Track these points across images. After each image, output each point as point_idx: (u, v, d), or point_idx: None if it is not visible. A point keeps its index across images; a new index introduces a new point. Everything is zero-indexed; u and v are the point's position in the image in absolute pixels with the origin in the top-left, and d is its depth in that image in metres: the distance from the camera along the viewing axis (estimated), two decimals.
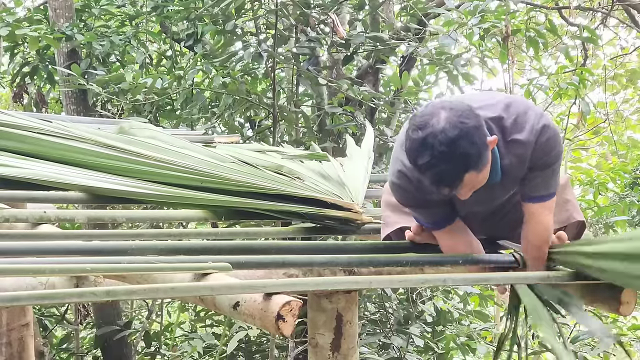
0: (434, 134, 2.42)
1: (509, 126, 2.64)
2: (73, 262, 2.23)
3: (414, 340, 5.69)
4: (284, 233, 3.00)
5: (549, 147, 2.65)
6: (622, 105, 10.99)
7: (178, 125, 6.15)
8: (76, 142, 3.12)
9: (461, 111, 2.47)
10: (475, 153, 2.45)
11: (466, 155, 2.43)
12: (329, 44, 6.01)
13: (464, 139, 2.42)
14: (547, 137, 2.63)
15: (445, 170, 2.44)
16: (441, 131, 2.42)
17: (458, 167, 2.45)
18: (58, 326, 6.84)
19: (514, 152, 2.64)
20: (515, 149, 2.63)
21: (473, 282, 4.01)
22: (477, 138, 2.45)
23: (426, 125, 2.44)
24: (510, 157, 2.64)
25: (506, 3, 6.09)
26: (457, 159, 2.43)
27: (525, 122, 2.64)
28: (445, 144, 2.41)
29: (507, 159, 2.64)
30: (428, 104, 2.58)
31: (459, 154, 2.42)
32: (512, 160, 2.65)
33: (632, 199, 6.89)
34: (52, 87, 6.99)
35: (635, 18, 8.44)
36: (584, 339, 5.74)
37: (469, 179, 2.49)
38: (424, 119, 2.46)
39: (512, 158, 2.65)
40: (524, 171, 2.69)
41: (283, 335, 1.95)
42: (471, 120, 2.46)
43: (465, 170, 2.46)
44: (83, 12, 6.81)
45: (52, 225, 2.79)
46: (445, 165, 2.43)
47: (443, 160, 2.43)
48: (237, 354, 5.88)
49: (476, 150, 2.45)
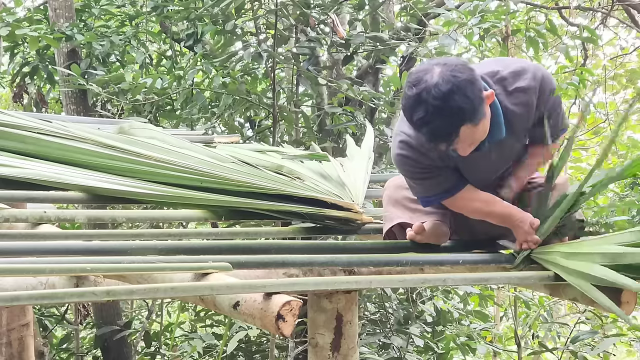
0: (428, 89, 2.46)
1: (508, 77, 2.68)
2: (73, 262, 2.22)
3: (414, 340, 5.69)
4: (284, 233, 3.00)
5: (551, 90, 2.73)
6: (622, 106, 10.98)
7: (178, 125, 6.15)
8: (76, 142, 3.12)
9: (454, 65, 2.51)
10: (470, 105, 2.48)
11: (460, 108, 2.46)
12: (329, 44, 6.01)
13: (457, 92, 2.46)
14: (548, 80, 2.71)
15: (441, 124, 2.48)
16: (434, 86, 2.45)
17: (453, 121, 2.48)
18: (58, 326, 6.83)
19: (518, 102, 2.66)
20: (519, 97, 2.66)
21: (473, 282, 4.02)
22: (470, 91, 2.48)
23: (420, 82, 2.48)
24: (515, 108, 2.67)
25: (506, 3, 6.09)
26: (452, 112, 2.47)
27: (524, 71, 2.69)
28: (438, 98, 2.45)
29: (512, 110, 2.66)
30: (423, 62, 2.61)
31: (453, 107, 2.46)
32: (517, 110, 2.67)
33: (632, 199, 6.88)
34: (52, 87, 6.99)
35: (635, 18, 8.44)
36: (584, 339, 5.74)
37: (465, 133, 2.52)
38: (418, 75, 2.51)
39: (517, 108, 2.67)
40: (531, 120, 2.71)
41: (283, 335, 1.95)
42: (464, 73, 2.50)
43: (460, 123, 2.49)
44: (83, 12, 6.80)
45: (52, 225, 2.79)
46: (440, 119, 2.47)
47: (437, 114, 2.46)
48: (237, 354, 5.88)
49: (470, 102, 2.48)
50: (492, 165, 2.79)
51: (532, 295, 6.60)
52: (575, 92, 6.50)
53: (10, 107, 7.88)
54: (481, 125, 2.56)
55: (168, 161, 3.00)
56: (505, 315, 7.81)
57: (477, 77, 2.54)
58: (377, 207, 3.51)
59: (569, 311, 9.12)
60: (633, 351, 7.15)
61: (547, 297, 6.51)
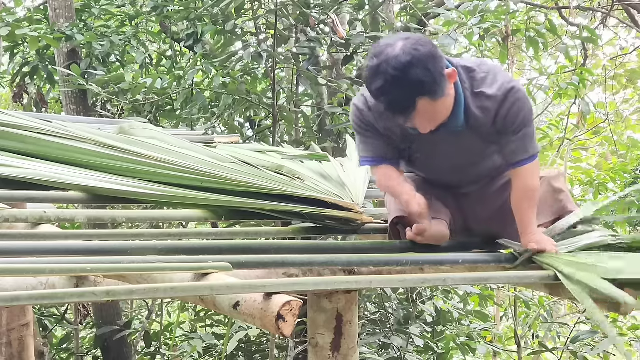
0: (388, 61, 2.48)
1: (479, 79, 2.69)
2: (73, 262, 2.22)
3: (414, 340, 5.69)
4: (284, 233, 3.00)
5: (517, 109, 2.67)
6: (622, 105, 10.99)
7: (178, 125, 6.15)
8: (76, 142, 3.12)
9: (417, 40, 2.54)
10: (429, 79, 2.50)
11: (418, 80, 2.48)
12: (329, 44, 6.01)
13: (416, 64, 2.48)
14: (515, 97, 2.66)
15: (398, 95, 2.50)
16: (394, 57, 2.48)
17: (411, 92, 2.50)
18: (58, 326, 6.83)
19: (480, 105, 2.67)
20: (482, 101, 2.67)
21: (473, 282, 4.02)
22: (431, 65, 2.50)
23: (381, 53, 2.51)
24: (476, 110, 2.68)
25: (506, 3, 6.09)
26: (410, 84, 2.48)
27: (495, 80, 2.69)
28: (398, 69, 2.47)
29: (473, 109, 2.68)
30: (388, 36, 2.63)
31: (412, 79, 2.48)
32: (478, 112, 2.68)
33: (632, 199, 6.88)
34: (52, 87, 6.99)
35: (635, 18, 8.44)
36: (584, 339, 5.74)
37: (423, 107, 2.53)
38: (380, 48, 2.54)
39: (478, 110, 2.68)
40: (491, 130, 2.70)
41: (283, 335, 1.95)
42: (426, 47, 2.52)
43: (417, 95, 2.50)
44: (83, 12, 6.80)
45: (52, 225, 2.78)
46: (397, 90, 2.49)
47: (395, 85, 2.48)
48: (237, 354, 5.88)
49: (429, 76, 2.49)
50: (447, 155, 2.80)
51: (532, 295, 6.61)
52: (575, 92, 6.50)
53: (10, 107, 7.88)
54: (441, 102, 2.58)
55: (168, 161, 3.00)
56: (505, 315, 7.82)
57: (440, 54, 2.56)
58: (377, 207, 3.51)
59: (569, 311, 9.13)
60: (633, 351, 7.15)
61: (547, 297, 6.52)
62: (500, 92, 2.66)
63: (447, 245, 2.86)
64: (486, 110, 2.68)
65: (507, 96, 2.66)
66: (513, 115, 2.68)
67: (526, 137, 2.72)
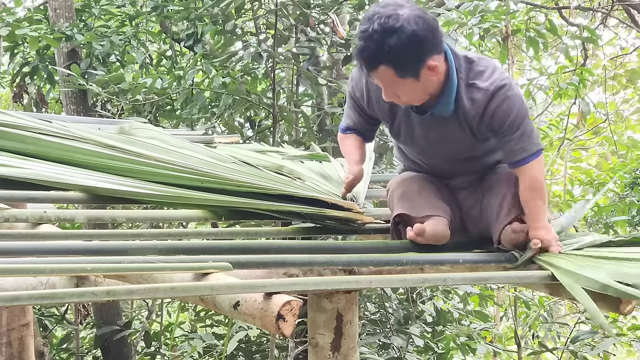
0: (382, 15, 2.52)
1: (476, 71, 2.70)
2: (73, 262, 2.22)
3: (414, 340, 5.69)
4: (284, 233, 3.00)
5: (506, 106, 2.67)
6: (622, 105, 10.99)
7: (178, 125, 6.15)
8: (76, 142, 3.11)
9: (422, 18, 2.55)
10: (399, 55, 2.52)
11: (389, 48, 2.51)
12: (329, 44, 6.01)
13: (398, 35, 2.50)
14: (505, 95, 2.67)
15: (366, 48, 2.54)
16: (389, 15, 2.51)
17: (375, 54, 2.54)
18: (58, 326, 6.83)
19: (470, 96, 2.68)
20: (473, 92, 2.68)
21: (473, 282, 4.02)
22: (412, 46, 2.52)
23: (388, 5, 2.55)
24: (467, 100, 2.69)
25: (506, 3, 6.09)
26: (380, 46, 2.51)
27: (491, 75, 2.70)
28: (381, 26, 2.50)
29: (464, 99, 2.69)
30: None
31: (383, 43, 2.51)
32: (468, 103, 2.69)
33: (632, 199, 6.89)
34: (52, 87, 6.99)
35: (635, 18, 8.44)
36: (584, 339, 5.74)
37: (384, 74, 2.57)
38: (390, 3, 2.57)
39: (468, 102, 2.69)
40: (482, 126, 2.71)
41: (283, 335, 1.95)
42: (422, 29, 2.53)
43: (380, 61, 2.54)
44: (83, 12, 6.80)
45: (52, 225, 2.78)
46: (369, 44, 2.53)
47: (371, 38, 2.52)
48: (237, 354, 5.88)
49: (402, 53, 2.52)
50: (430, 140, 2.82)
51: (532, 295, 6.61)
52: (575, 92, 6.50)
53: (10, 107, 7.88)
54: (410, 84, 2.60)
55: (168, 161, 3.00)
56: (505, 315, 7.82)
57: (433, 44, 2.57)
58: (377, 207, 3.51)
59: (569, 311, 9.13)
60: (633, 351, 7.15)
61: (547, 297, 6.52)
62: (491, 86, 2.67)
63: (447, 245, 2.86)
64: (475, 102, 2.69)
65: (497, 92, 2.66)
66: (502, 112, 2.68)
67: (524, 136, 2.71)
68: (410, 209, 2.84)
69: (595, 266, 2.56)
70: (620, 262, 2.61)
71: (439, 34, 2.61)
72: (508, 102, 2.67)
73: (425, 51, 2.57)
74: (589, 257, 2.67)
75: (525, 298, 6.49)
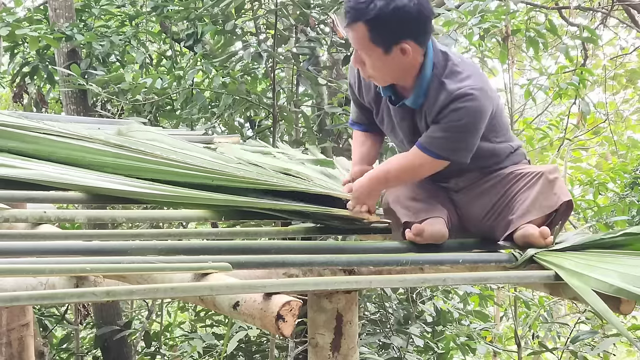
0: None
1: (451, 70, 2.69)
2: (73, 262, 2.22)
3: (414, 340, 5.69)
4: (284, 233, 2.99)
5: (462, 112, 2.63)
6: (622, 105, 10.99)
7: (178, 125, 6.15)
8: (76, 141, 3.11)
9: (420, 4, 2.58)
10: (382, 17, 2.56)
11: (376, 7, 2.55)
12: (329, 44, 6.01)
13: (391, 1, 2.54)
14: (465, 104, 2.62)
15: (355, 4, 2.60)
16: None
17: (362, 8, 2.58)
18: (58, 326, 6.83)
19: (437, 94, 2.67)
20: (440, 91, 2.67)
21: (473, 282, 4.03)
22: (397, 16, 2.56)
23: None
24: (432, 97, 2.68)
25: (506, 3, 6.09)
26: (369, 3, 2.56)
27: (463, 79, 2.66)
28: None
29: (432, 95, 2.69)
30: None
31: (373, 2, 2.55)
32: (432, 100, 2.69)
33: (632, 199, 6.89)
34: (52, 87, 6.99)
35: (635, 18, 8.45)
36: (584, 339, 5.74)
37: (358, 31, 2.61)
38: None
39: (433, 99, 2.68)
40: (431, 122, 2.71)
41: (283, 335, 1.95)
42: (413, 8, 2.57)
43: (361, 17, 2.59)
44: (83, 12, 6.81)
45: (52, 225, 2.78)
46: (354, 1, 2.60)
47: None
48: (237, 354, 5.88)
49: (385, 18, 2.56)
50: (404, 132, 2.84)
51: (532, 295, 6.61)
52: (575, 92, 6.51)
53: (10, 107, 7.88)
54: (376, 53, 2.63)
55: (175, 159, 2.97)
56: (505, 315, 7.82)
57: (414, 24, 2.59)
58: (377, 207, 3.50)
59: (569, 311, 9.13)
60: (633, 351, 7.16)
61: (547, 297, 6.52)
62: (457, 91, 2.62)
63: (447, 245, 2.86)
64: (437, 101, 2.67)
65: (458, 98, 2.62)
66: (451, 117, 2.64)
67: (449, 140, 2.68)
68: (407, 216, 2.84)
69: (602, 267, 2.54)
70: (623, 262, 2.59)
71: (426, 27, 2.63)
72: (462, 111, 2.62)
73: (405, 30, 2.60)
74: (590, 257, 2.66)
75: (525, 298, 6.49)
